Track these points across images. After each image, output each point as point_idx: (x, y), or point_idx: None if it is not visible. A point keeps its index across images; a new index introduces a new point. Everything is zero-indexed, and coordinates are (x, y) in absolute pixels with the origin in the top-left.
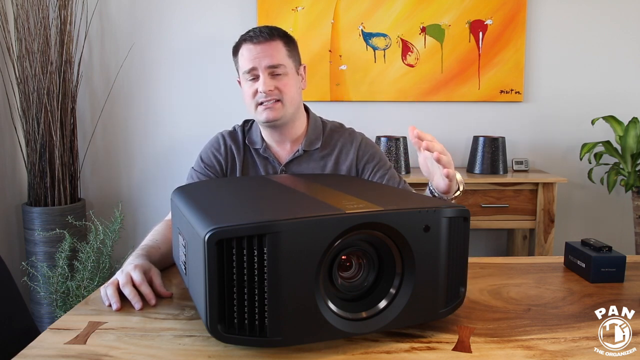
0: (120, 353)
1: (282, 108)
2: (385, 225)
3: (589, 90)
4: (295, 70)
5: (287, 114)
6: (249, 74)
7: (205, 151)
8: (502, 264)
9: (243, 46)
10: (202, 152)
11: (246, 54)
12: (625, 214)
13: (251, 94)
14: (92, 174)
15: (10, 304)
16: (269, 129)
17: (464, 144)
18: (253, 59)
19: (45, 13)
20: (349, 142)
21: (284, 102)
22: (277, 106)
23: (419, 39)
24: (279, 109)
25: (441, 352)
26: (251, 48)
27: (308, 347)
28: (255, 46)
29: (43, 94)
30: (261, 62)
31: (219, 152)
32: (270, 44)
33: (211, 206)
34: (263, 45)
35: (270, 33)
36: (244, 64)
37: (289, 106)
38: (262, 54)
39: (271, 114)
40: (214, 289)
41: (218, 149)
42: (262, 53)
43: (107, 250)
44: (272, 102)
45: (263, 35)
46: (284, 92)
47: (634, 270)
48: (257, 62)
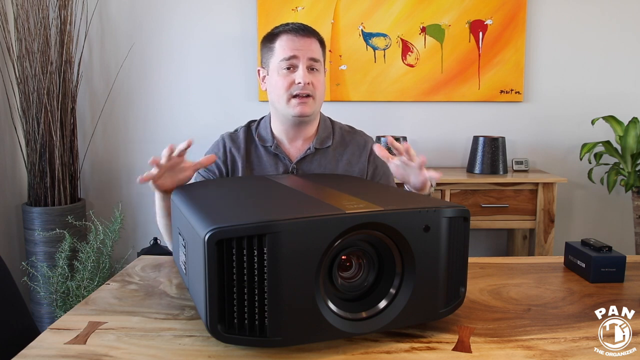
0: (120, 353)
1: (313, 104)
2: (385, 225)
3: (589, 90)
4: (324, 70)
5: (316, 111)
6: (287, 61)
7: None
8: (502, 264)
9: (283, 36)
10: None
11: (288, 43)
12: (625, 214)
13: (286, 84)
14: (92, 174)
15: (10, 304)
16: (287, 125)
17: (464, 144)
18: (295, 49)
19: (45, 13)
20: (362, 145)
21: (315, 98)
22: (310, 102)
23: (419, 39)
24: (311, 104)
25: (441, 352)
26: (294, 39)
27: (308, 347)
28: (298, 38)
29: (43, 94)
30: (305, 53)
31: (218, 155)
32: (311, 39)
33: (211, 206)
34: (305, 39)
35: (311, 30)
36: (283, 52)
37: (318, 104)
38: (305, 47)
39: (305, 109)
40: (214, 289)
41: (217, 153)
42: (305, 46)
43: (107, 250)
44: (307, 96)
45: (306, 31)
46: (317, 88)
47: (634, 270)
48: (300, 52)
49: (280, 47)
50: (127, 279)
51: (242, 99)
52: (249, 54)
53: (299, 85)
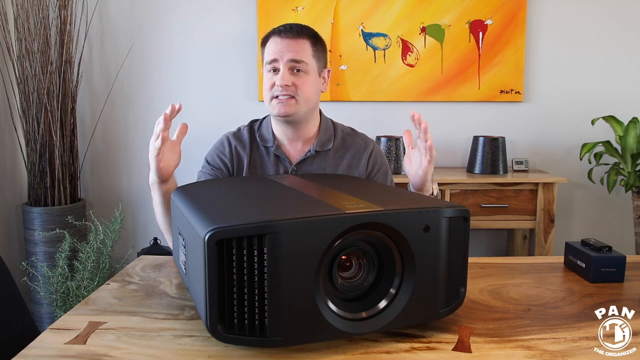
0: (120, 353)
1: (295, 105)
2: (385, 225)
3: (589, 90)
4: (317, 71)
5: (300, 112)
6: (270, 64)
7: (211, 154)
8: (502, 264)
9: (271, 38)
10: (207, 156)
11: (272, 46)
12: (625, 214)
13: (269, 86)
14: (92, 174)
15: (10, 304)
16: (282, 125)
17: (464, 144)
18: (277, 52)
19: (45, 13)
20: (362, 148)
21: (298, 99)
22: (291, 102)
23: (419, 39)
24: (292, 105)
25: (441, 352)
26: (278, 41)
27: (308, 347)
28: (282, 40)
29: (43, 94)
30: (284, 55)
31: (223, 154)
32: (297, 40)
33: (211, 206)
34: (290, 40)
35: (300, 30)
36: (267, 55)
37: (303, 105)
38: (287, 49)
39: (282, 109)
40: (214, 289)
41: (223, 151)
42: (287, 47)
43: (107, 250)
44: (287, 97)
45: (292, 31)
46: (300, 89)
47: (634, 270)
48: (280, 55)
49: (268, 49)
50: (127, 279)
51: (242, 99)
52: (249, 54)
53: (278, 87)
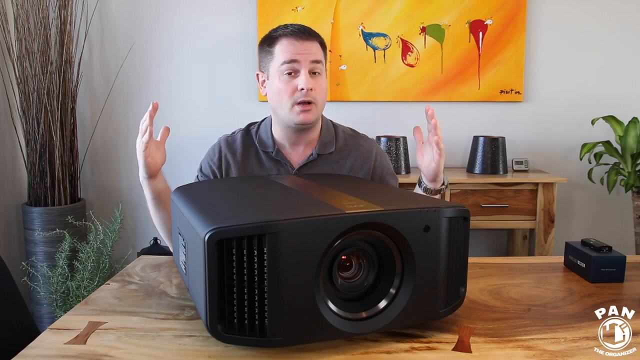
0: (120, 353)
1: (315, 110)
2: (385, 225)
3: (589, 90)
4: (326, 73)
5: (318, 118)
6: (288, 64)
7: (204, 162)
8: (502, 264)
9: (283, 39)
10: (202, 162)
11: (289, 46)
12: (625, 214)
13: (290, 91)
14: (92, 174)
15: (10, 304)
16: (289, 131)
17: (464, 144)
18: (296, 53)
19: (45, 13)
20: (366, 152)
21: (317, 104)
22: (312, 108)
23: (419, 39)
24: (314, 111)
25: (441, 352)
26: (294, 42)
27: (308, 347)
28: (298, 41)
29: (43, 94)
30: (306, 57)
31: (213, 161)
32: (312, 42)
33: (211, 206)
34: (306, 42)
35: (311, 32)
36: (283, 56)
37: (320, 109)
38: (307, 50)
39: (308, 116)
40: (214, 289)
41: (213, 158)
42: (306, 49)
43: (107, 250)
44: (308, 103)
45: (304, 33)
46: (318, 93)
47: (634, 270)
48: (301, 56)
49: (281, 51)
50: (127, 279)
51: (242, 99)
52: (249, 54)
53: (302, 92)
